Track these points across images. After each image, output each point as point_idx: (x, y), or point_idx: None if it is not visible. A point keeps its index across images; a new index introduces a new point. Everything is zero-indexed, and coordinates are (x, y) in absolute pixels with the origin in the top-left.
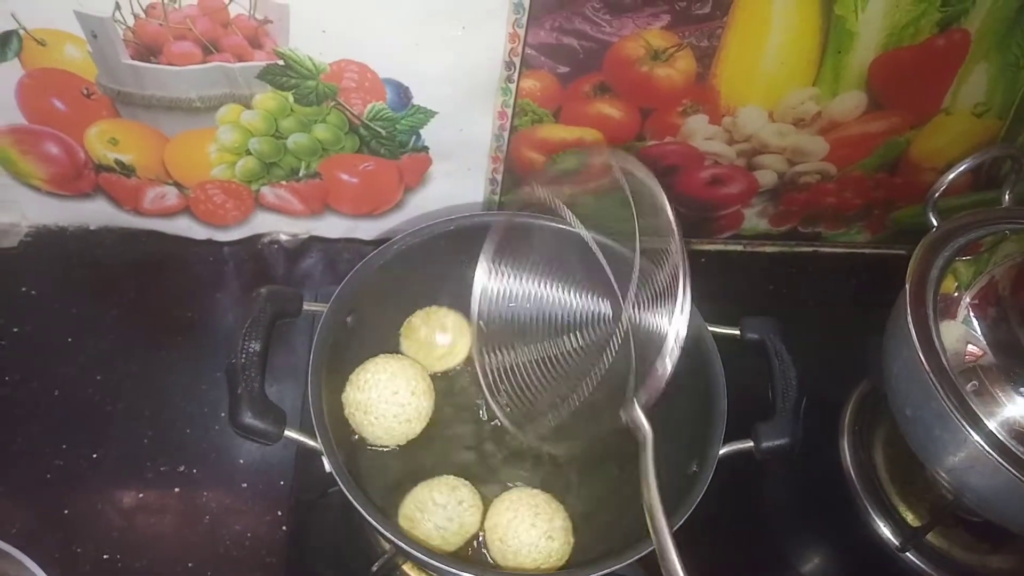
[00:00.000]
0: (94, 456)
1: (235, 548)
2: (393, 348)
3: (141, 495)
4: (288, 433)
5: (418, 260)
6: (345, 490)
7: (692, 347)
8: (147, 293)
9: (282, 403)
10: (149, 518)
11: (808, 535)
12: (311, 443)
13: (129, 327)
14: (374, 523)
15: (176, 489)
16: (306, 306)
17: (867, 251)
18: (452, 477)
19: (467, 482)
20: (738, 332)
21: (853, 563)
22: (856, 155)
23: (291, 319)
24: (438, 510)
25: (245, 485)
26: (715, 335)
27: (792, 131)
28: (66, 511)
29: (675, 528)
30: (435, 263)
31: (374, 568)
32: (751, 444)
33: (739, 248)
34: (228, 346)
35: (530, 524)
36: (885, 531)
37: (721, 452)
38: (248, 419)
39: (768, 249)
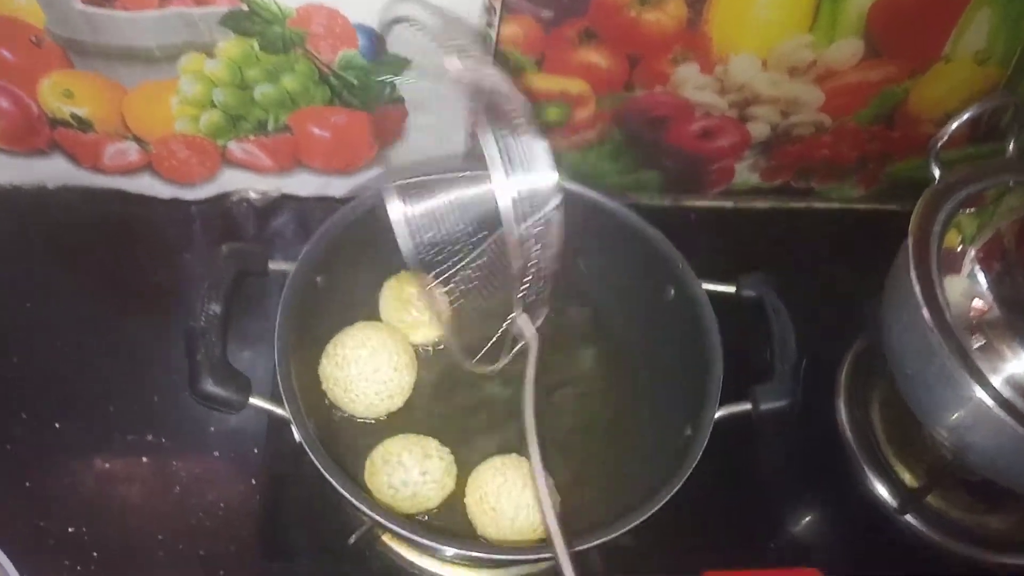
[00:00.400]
0: (56, 426)
1: (208, 519)
2: (369, 313)
3: (107, 466)
4: (253, 401)
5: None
6: (316, 461)
7: (684, 304)
8: (110, 255)
9: (253, 370)
10: (117, 489)
11: (803, 498)
12: (279, 411)
13: (91, 291)
14: (349, 496)
15: (144, 459)
16: (272, 265)
17: (860, 207)
18: (435, 444)
19: (447, 455)
20: (733, 289)
21: (850, 525)
22: (852, 105)
23: (256, 278)
24: (399, 470)
25: (217, 454)
26: (709, 293)
27: (786, 80)
28: (27, 484)
29: (671, 495)
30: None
31: (352, 539)
32: (749, 407)
33: (729, 204)
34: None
35: (522, 486)
36: (883, 492)
37: (717, 415)
38: (209, 387)
39: (759, 205)
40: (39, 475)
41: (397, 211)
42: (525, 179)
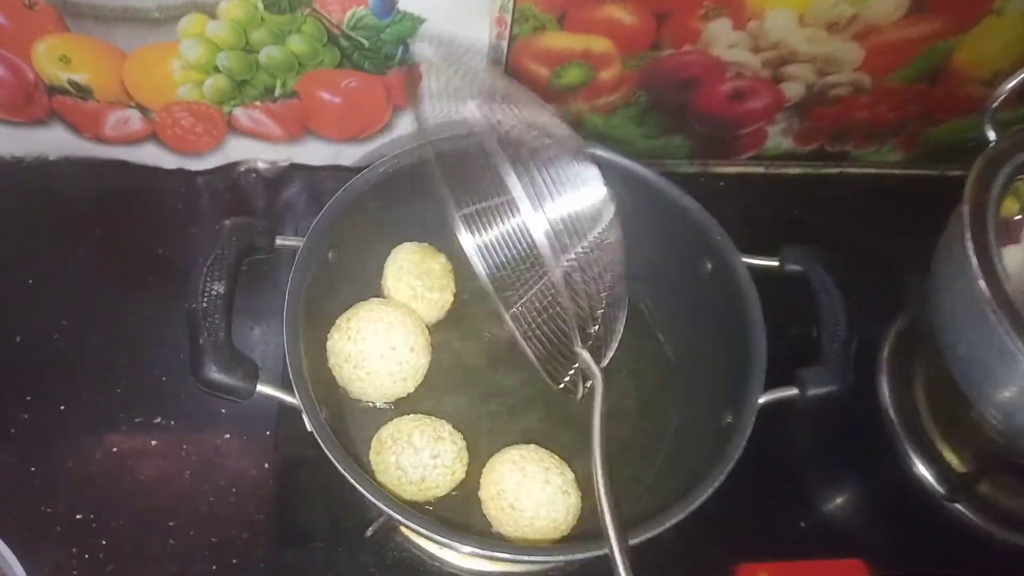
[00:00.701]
0: (62, 408)
1: (219, 505)
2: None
3: (115, 450)
4: (261, 388)
5: (409, 185)
6: (330, 454)
7: (723, 280)
8: (114, 229)
9: (260, 354)
10: (124, 475)
11: (844, 483)
12: (289, 399)
13: (96, 267)
14: (366, 493)
15: (153, 442)
16: (279, 241)
17: (898, 172)
18: (448, 427)
19: (460, 440)
20: (777, 263)
21: (894, 513)
22: (893, 63)
23: (262, 256)
24: (408, 450)
25: (228, 436)
26: (750, 267)
27: (824, 37)
28: (33, 469)
29: (713, 489)
30: (425, 188)
31: (369, 532)
32: (795, 391)
33: (760, 170)
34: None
35: (543, 481)
36: (928, 477)
37: (761, 401)
38: (212, 373)
39: (792, 171)
40: (44, 459)
41: (469, 242)
42: (560, 205)
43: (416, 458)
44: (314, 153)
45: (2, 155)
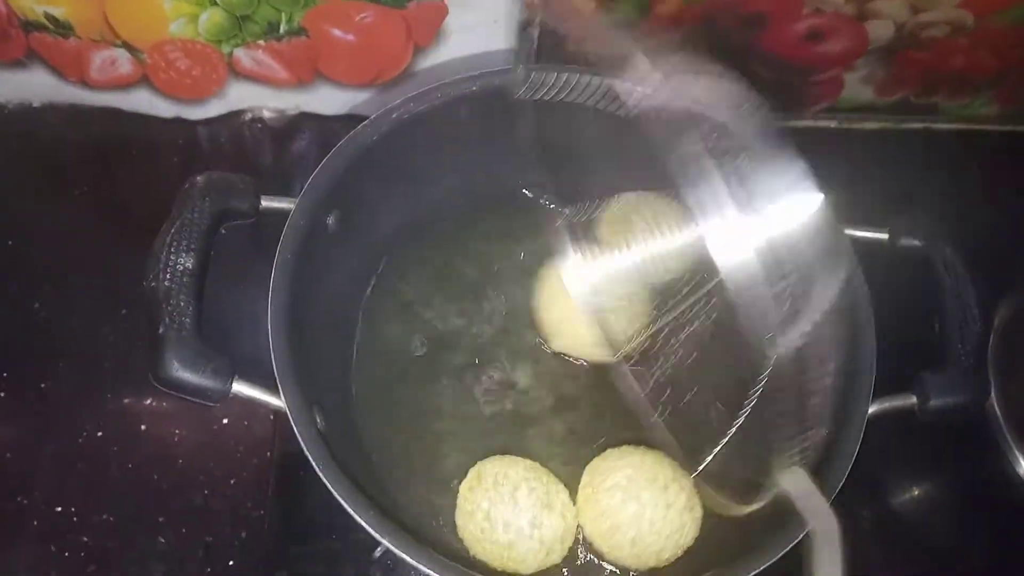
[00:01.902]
0: (42, 387)
1: (215, 499)
2: (395, 266)
3: (100, 434)
4: (237, 388)
5: (427, 135)
6: (320, 473)
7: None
8: (105, 185)
9: (238, 344)
10: (110, 463)
11: (942, 483)
12: (274, 402)
13: (84, 227)
14: (359, 519)
15: (143, 426)
16: (266, 202)
17: (992, 128)
18: (565, 496)
19: (572, 515)
20: (886, 236)
21: (997, 516)
22: None
23: (244, 221)
24: (506, 505)
25: (226, 421)
26: (852, 240)
27: None
28: (7, 455)
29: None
30: (452, 139)
31: (376, 553)
32: (913, 400)
33: (832, 124)
34: None
35: (665, 506)
36: None
37: (871, 411)
38: (174, 371)
39: (869, 126)
40: (21, 444)
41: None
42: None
43: (512, 518)
44: (326, 100)
45: None
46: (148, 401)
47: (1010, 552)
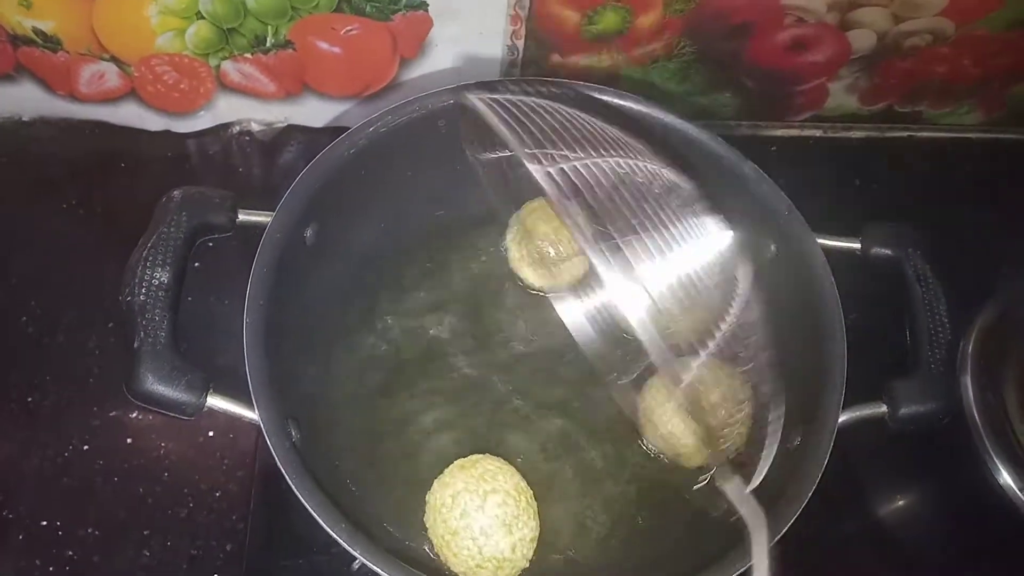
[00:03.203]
0: (28, 400)
1: (200, 511)
2: (378, 278)
3: (86, 447)
4: (212, 403)
5: (405, 148)
6: (294, 486)
7: (791, 266)
8: (93, 197)
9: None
10: (95, 476)
11: (922, 493)
12: (249, 415)
13: (72, 240)
14: (332, 532)
15: (129, 439)
16: (243, 215)
17: (976, 135)
18: (533, 510)
19: (534, 525)
20: (858, 246)
21: (978, 526)
22: (985, 6)
23: (222, 235)
24: (475, 517)
25: (212, 434)
26: (824, 250)
27: None
28: None
29: (788, 525)
30: (430, 151)
31: (354, 566)
32: (883, 409)
33: (818, 133)
34: None
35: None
36: (1019, 492)
37: (841, 419)
38: (149, 384)
39: (854, 134)
40: (6, 458)
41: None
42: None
43: (478, 525)
44: (314, 113)
45: None
46: (134, 414)
47: (991, 561)
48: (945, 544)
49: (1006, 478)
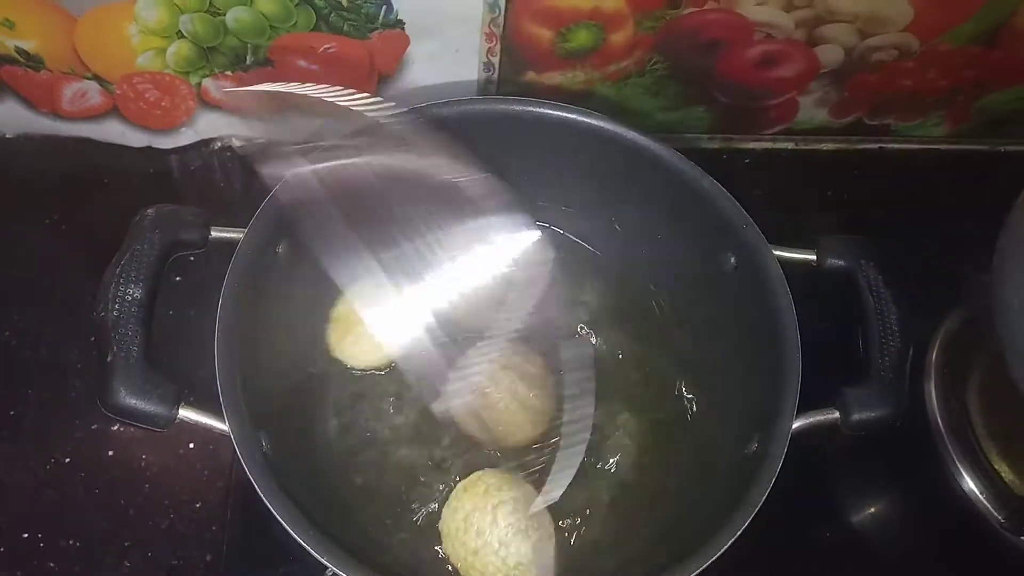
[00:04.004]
0: (11, 413)
1: (181, 522)
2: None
3: (68, 460)
4: (184, 414)
5: None
6: (260, 493)
7: (749, 277)
8: (76, 213)
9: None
10: (76, 488)
11: (887, 499)
12: (219, 426)
13: (55, 255)
14: (302, 541)
15: (110, 452)
16: (216, 233)
17: (944, 147)
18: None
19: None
20: (814, 257)
21: (941, 539)
22: (947, 21)
23: (194, 251)
24: (492, 531)
25: (192, 445)
26: (781, 262)
27: None
28: None
29: (742, 528)
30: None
31: (327, 574)
32: (836, 415)
33: (790, 146)
34: None
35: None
36: (983, 500)
37: (796, 426)
38: (121, 398)
39: (825, 147)
40: None
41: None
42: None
43: (496, 539)
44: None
45: None
46: (115, 427)
47: (955, 566)
48: (909, 549)
49: (969, 484)
